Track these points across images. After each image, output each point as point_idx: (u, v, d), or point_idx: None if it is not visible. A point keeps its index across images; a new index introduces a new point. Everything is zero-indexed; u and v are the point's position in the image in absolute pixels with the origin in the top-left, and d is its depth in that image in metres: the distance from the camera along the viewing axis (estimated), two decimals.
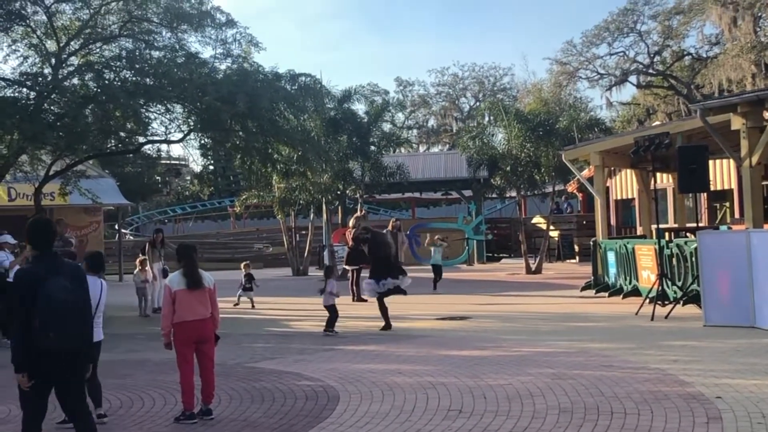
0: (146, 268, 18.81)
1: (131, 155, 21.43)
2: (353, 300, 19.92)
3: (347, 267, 21.01)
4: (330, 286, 14.89)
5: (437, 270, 22.92)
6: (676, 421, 7.51)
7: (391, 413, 8.36)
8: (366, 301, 19.80)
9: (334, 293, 14.91)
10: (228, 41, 18.86)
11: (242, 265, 20.80)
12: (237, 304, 19.76)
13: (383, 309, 15.06)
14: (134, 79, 17.48)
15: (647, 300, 15.57)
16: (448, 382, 9.69)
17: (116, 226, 40.55)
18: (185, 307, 8.53)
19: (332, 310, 14.76)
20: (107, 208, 34.75)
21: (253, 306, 19.75)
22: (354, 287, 20.33)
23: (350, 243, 20.59)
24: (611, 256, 19.45)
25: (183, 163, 63.65)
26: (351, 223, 21.33)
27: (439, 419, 8.01)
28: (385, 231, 22.44)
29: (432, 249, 23.35)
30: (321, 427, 7.97)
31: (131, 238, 48.88)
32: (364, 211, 26.39)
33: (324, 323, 14.92)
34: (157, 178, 55.82)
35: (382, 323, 15.01)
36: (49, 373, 6.18)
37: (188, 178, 67.68)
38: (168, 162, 55.98)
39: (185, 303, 8.54)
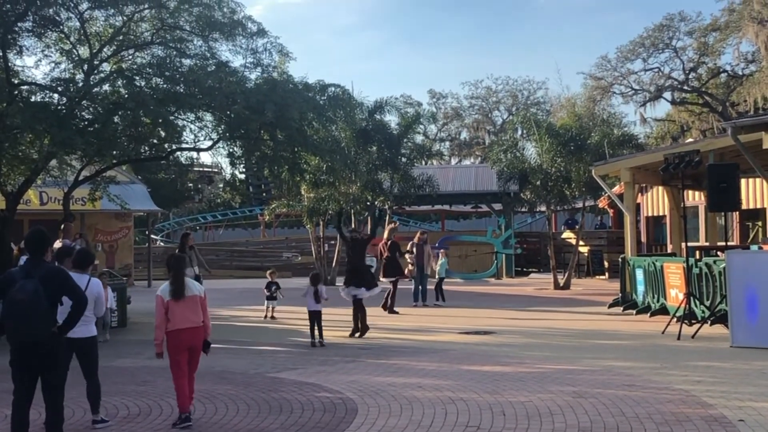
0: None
1: (163, 162, 21.52)
2: (384, 310, 19.90)
3: (384, 280, 20.73)
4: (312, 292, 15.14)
5: (441, 282, 22.99)
6: None
7: (408, 428, 8.29)
8: (397, 313, 19.78)
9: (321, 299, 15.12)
10: (258, 50, 18.90)
11: (267, 273, 20.72)
12: (267, 316, 19.41)
13: (355, 313, 15.85)
14: (165, 86, 17.56)
15: (674, 319, 15.38)
16: (467, 397, 9.61)
17: (146, 232, 40.80)
18: (177, 316, 8.71)
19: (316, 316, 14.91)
20: (138, 214, 34.96)
21: (270, 317, 19.39)
22: (389, 299, 20.19)
23: (386, 254, 20.52)
24: (639, 274, 19.26)
25: (215, 170, 63.93)
26: (386, 235, 21.36)
27: None
28: (411, 243, 22.56)
29: (439, 264, 23.25)
30: None
31: (162, 244, 49.17)
32: (396, 223, 26.41)
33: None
34: (190, 185, 56.17)
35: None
36: (17, 361, 7.12)
37: (220, 185, 68.05)
38: (201, 169, 56.29)
39: (177, 312, 8.72)
